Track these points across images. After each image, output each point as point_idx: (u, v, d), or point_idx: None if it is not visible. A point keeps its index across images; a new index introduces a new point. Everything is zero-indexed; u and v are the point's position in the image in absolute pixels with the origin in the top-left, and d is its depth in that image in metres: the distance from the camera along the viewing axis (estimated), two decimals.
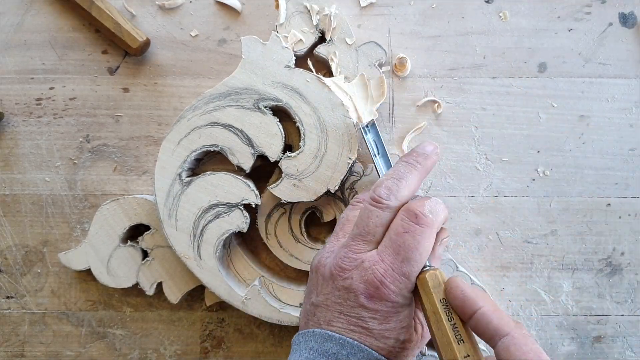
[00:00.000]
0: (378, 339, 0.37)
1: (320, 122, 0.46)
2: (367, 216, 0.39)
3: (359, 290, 0.37)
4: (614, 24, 0.51)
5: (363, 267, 0.38)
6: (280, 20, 0.48)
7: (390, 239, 0.38)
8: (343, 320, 0.38)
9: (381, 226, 0.39)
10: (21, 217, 0.52)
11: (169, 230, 0.47)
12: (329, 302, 0.39)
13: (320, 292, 0.40)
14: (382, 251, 0.38)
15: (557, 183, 0.51)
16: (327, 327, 0.38)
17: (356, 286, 0.37)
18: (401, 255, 0.37)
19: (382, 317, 0.37)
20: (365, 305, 0.37)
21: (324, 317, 0.39)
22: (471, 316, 0.35)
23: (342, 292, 0.38)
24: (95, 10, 0.49)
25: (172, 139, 0.47)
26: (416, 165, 0.41)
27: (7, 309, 0.52)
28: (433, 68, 0.51)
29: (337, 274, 0.39)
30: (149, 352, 0.52)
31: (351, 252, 0.39)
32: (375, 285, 0.37)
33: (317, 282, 0.41)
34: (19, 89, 0.52)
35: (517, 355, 0.32)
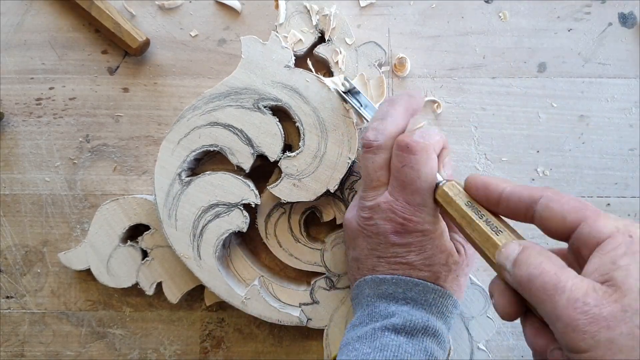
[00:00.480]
0: (422, 269, 0.39)
1: (320, 122, 0.46)
2: (364, 165, 0.41)
3: (387, 230, 0.39)
4: (613, 24, 0.51)
5: (381, 210, 0.39)
6: (280, 20, 0.48)
7: (394, 177, 0.39)
8: (384, 263, 0.39)
9: (380, 169, 0.40)
10: (21, 217, 0.52)
11: (169, 230, 0.47)
12: (365, 251, 0.40)
13: (356, 246, 0.41)
14: (392, 191, 0.39)
15: (557, 183, 0.51)
16: (373, 273, 0.40)
17: (383, 228, 0.39)
18: (408, 188, 0.38)
19: (417, 248, 0.39)
20: (397, 243, 0.39)
21: (367, 265, 0.40)
22: (499, 200, 0.34)
23: (373, 239, 0.40)
24: (95, 10, 0.49)
25: (172, 139, 0.47)
26: (398, 101, 0.41)
27: (7, 309, 0.52)
28: (433, 68, 0.51)
29: (363, 224, 0.40)
30: (149, 352, 0.52)
31: (365, 201, 0.40)
32: (399, 222, 0.38)
33: (350, 238, 0.42)
34: (19, 89, 0.52)
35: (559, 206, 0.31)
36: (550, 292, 0.28)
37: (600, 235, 0.29)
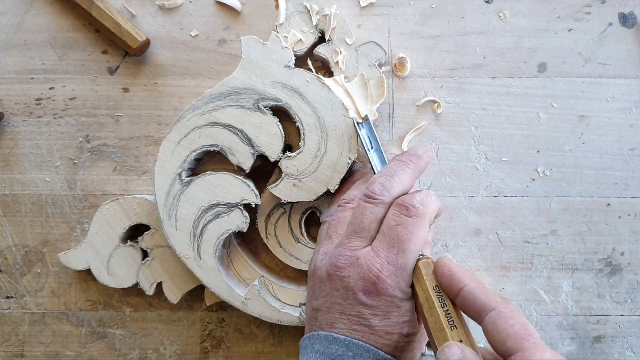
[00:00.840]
0: (382, 335, 0.37)
1: (320, 122, 0.46)
2: (361, 213, 0.40)
3: (357, 287, 0.37)
4: (613, 24, 0.51)
5: (359, 264, 0.38)
6: (280, 20, 0.48)
7: (384, 233, 0.38)
8: (345, 321, 0.38)
9: (375, 222, 0.39)
10: (21, 217, 0.52)
11: (169, 230, 0.47)
12: (328, 303, 0.39)
13: (319, 295, 0.40)
14: (376, 246, 0.38)
15: (557, 183, 0.51)
16: (330, 330, 0.38)
17: (354, 284, 0.38)
18: (395, 247, 0.37)
19: (383, 313, 0.37)
20: (364, 302, 0.37)
21: (326, 319, 0.39)
22: (458, 294, 0.35)
23: (340, 292, 0.38)
24: (95, 10, 0.49)
25: (172, 139, 0.47)
26: (409, 163, 0.41)
27: (7, 309, 0.52)
28: (433, 68, 0.51)
29: (334, 273, 0.39)
30: (149, 352, 0.52)
31: (346, 250, 0.39)
32: (372, 281, 0.37)
33: (314, 286, 0.41)
34: (19, 89, 0.52)
35: (504, 327, 0.32)
36: None
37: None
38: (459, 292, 0.35)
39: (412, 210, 0.38)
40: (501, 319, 0.33)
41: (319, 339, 0.38)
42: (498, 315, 0.33)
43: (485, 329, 0.33)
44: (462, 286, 0.35)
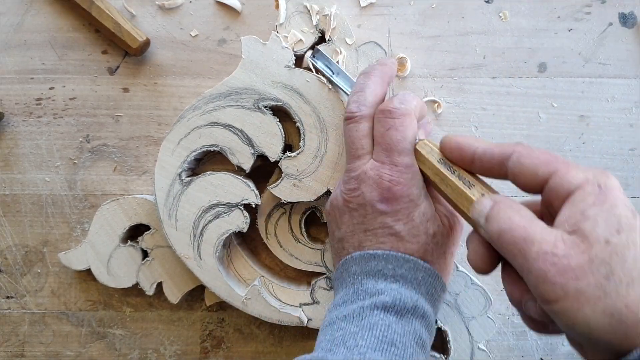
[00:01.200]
0: (409, 240, 0.38)
1: (320, 122, 0.46)
2: (348, 135, 0.40)
3: (374, 198, 0.38)
4: (613, 24, 0.51)
5: (368, 177, 0.38)
6: (280, 20, 0.48)
7: (378, 142, 0.39)
8: (371, 237, 0.38)
9: (365, 137, 0.40)
10: (21, 217, 0.52)
11: (169, 230, 0.47)
12: (351, 227, 0.39)
13: (341, 224, 0.40)
14: (376, 156, 0.39)
15: None
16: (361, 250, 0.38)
17: (369, 197, 0.38)
18: (394, 150, 0.38)
19: (405, 216, 0.38)
20: (384, 211, 0.38)
21: (352, 243, 0.39)
22: (473, 159, 0.35)
23: (359, 211, 0.39)
24: (95, 10, 0.49)
25: (172, 139, 0.47)
26: (374, 72, 0.42)
27: (7, 309, 0.52)
28: (433, 68, 0.51)
29: (348, 197, 0.39)
30: (149, 352, 0.52)
31: (351, 172, 0.40)
32: (387, 187, 0.38)
33: (335, 219, 0.41)
34: (19, 89, 0.52)
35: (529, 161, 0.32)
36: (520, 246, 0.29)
37: (570, 186, 0.30)
38: (473, 157, 0.35)
39: (395, 111, 0.39)
40: (523, 156, 0.32)
41: (354, 260, 0.38)
42: (519, 155, 0.32)
43: (513, 173, 0.33)
44: (474, 150, 0.35)
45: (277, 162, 0.47)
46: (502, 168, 0.33)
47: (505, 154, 0.33)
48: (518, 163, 0.32)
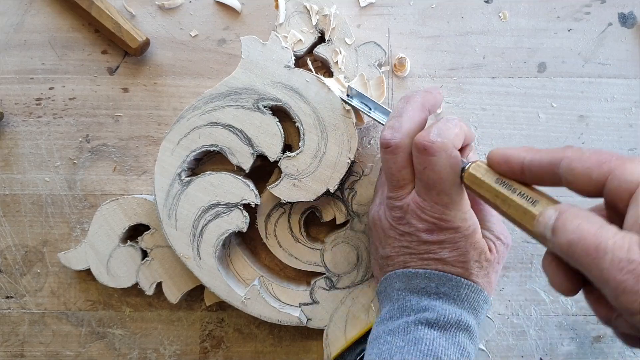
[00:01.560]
0: (455, 265, 0.38)
1: (319, 122, 0.46)
2: (387, 165, 0.40)
3: (420, 229, 0.39)
4: (613, 24, 0.51)
5: (412, 210, 0.39)
6: (280, 20, 0.48)
7: (418, 178, 0.39)
8: (416, 259, 0.39)
9: (403, 168, 0.39)
10: (21, 217, 0.52)
11: (169, 230, 0.47)
12: (396, 249, 0.40)
13: (387, 244, 0.41)
14: (419, 191, 0.39)
15: None
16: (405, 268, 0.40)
17: (415, 227, 0.39)
18: (434, 190, 0.37)
19: (451, 245, 0.38)
20: (429, 241, 0.38)
21: (398, 262, 0.40)
22: (522, 170, 0.33)
23: (405, 237, 0.39)
24: (95, 10, 0.49)
25: (172, 139, 0.47)
26: (415, 97, 0.41)
27: (6, 309, 0.52)
28: (433, 68, 0.51)
29: (395, 223, 0.40)
30: (149, 352, 0.52)
31: (395, 201, 0.40)
32: (431, 221, 0.38)
33: (379, 236, 0.42)
34: (19, 89, 0.52)
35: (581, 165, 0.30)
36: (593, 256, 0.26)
37: (630, 185, 0.28)
38: (522, 168, 0.33)
39: (430, 148, 0.36)
40: (574, 160, 0.30)
41: (397, 277, 0.40)
42: (569, 160, 0.30)
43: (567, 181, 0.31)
44: (521, 160, 0.33)
45: (276, 162, 0.47)
46: (555, 176, 0.32)
47: (554, 161, 0.31)
48: (569, 169, 0.30)
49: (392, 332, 0.37)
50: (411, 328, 0.37)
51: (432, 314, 0.37)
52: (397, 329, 0.37)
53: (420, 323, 0.37)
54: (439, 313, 0.37)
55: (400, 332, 0.37)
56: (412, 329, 0.36)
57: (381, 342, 0.37)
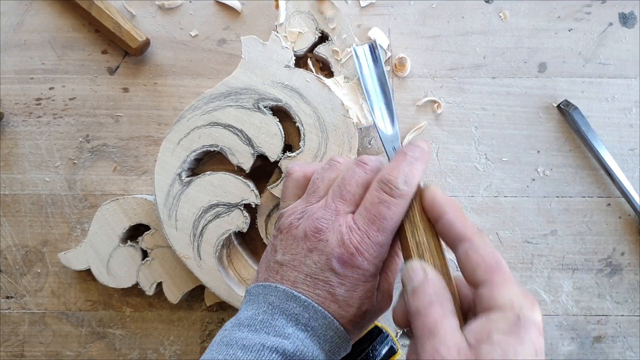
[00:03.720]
0: (342, 306, 0.37)
1: (320, 122, 0.46)
2: (350, 176, 0.39)
3: (333, 253, 0.37)
4: (614, 24, 0.51)
5: (340, 232, 0.37)
6: (280, 20, 0.48)
7: (366, 208, 0.38)
8: (309, 283, 0.37)
9: (362, 188, 0.39)
10: (21, 217, 0.52)
11: (169, 230, 0.47)
12: (296, 262, 0.38)
13: (288, 252, 0.39)
14: (358, 219, 0.38)
15: (557, 183, 0.51)
16: (291, 287, 0.37)
17: (330, 249, 0.37)
18: (376, 224, 0.37)
19: (351, 285, 0.37)
20: (336, 270, 0.37)
21: (289, 276, 0.38)
22: (437, 222, 0.36)
23: (313, 254, 0.37)
24: (95, 10, 0.49)
25: (172, 139, 0.47)
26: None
27: (7, 309, 0.52)
28: (433, 68, 0.51)
29: (312, 234, 0.38)
30: (149, 352, 0.52)
31: (329, 213, 0.38)
32: (351, 252, 0.37)
33: (285, 241, 0.39)
34: (19, 89, 0.52)
35: (475, 258, 0.33)
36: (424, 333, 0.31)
37: (493, 303, 0.31)
38: (439, 220, 0.36)
39: (395, 192, 0.37)
40: (473, 249, 0.33)
41: (277, 291, 0.37)
42: (471, 245, 0.33)
43: (459, 259, 0.34)
44: (442, 214, 0.35)
45: (277, 162, 0.47)
46: (454, 246, 0.34)
47: (462, 237, 0.34)
48: (465, 255, 0.33)
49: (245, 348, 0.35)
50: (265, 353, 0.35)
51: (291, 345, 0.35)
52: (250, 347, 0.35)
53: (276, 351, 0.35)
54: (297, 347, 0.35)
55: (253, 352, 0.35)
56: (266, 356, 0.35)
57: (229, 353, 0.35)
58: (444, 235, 0.35)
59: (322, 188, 0.41)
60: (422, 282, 0.33)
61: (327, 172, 0.41)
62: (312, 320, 0.36)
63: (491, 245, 0.34)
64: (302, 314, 0.36)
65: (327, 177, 0.41)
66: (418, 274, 0.33)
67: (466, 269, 0.33)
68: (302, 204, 0.41)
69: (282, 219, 0.41)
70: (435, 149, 0.51)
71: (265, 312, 0.37)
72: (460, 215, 0.35)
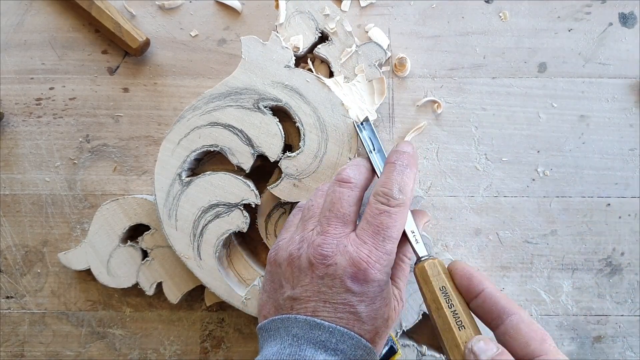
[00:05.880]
0: (366, 322, 0.37)
1: (320, 122, 0.46)
2: (338, 198, 0.40)
3: (346, 274, 0.37)
4: (614, 24, 0.51)
5: (347, 251, 0.37)
6: (280, 20, 0.48)
7: (368, 221, 0.38)
8: (329, 309, 0.37)
9: (354, 205, 0.40)
10: (21, 217, 0.52)
11: (169, 230, 0.47)
12: (309, 292, 0.38)
13: (297, 284, 0.38)
14: (361, 234, 0.38)
15: (557, 183, 0.51)
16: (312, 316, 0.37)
17: (342, 271, 0.37)
18: (380, 235, 0.38)
19: (370, 299, 0.37)
20: (352, 290, 0.37)
21: (306, 308, 0.38)
22: (477, 296, 0.36)
23: (325, 280, 0.37)
24: (95, 10, 0.49)
25: (172, 139, 0.47)
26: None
27: (7, 309, 0.52)
28: (433, 68, 0.51)
29: (319, 262, 0.38)
30: (149, 352, 0.52)
31: (330, 237, 0.38)
32: (363, 267, 0.37)
33: (291, 275, 0.39)
34: (19, 89, 0.52)
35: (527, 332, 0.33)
36: None
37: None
38: (479, 294, 0.36)
39: (393, 201, 0.39)
40: (524, 323, 0.34)
41: (297, 322, 0.37)
42: (520, 319, 0.34)
43: (506, 332, 0.34)
44: (483, 288, 0.36)
45: (277, 162, 0.47)
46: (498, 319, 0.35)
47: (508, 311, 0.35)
48: (516, 326, 0.34)
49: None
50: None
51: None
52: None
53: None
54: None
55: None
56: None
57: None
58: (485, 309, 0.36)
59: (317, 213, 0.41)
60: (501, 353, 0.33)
61: (318, 198, 0.42)
62: (340, 343, 0.36)
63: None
64: (329, 339, 0.36)
65: (318, 202, 0.42)
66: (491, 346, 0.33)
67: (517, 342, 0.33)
68: (298, 233, 0.41)
69: (280, 252, 0.41)
70: (435, 149, 0.51)
71: (291, 344, 0.36)
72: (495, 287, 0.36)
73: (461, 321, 0.36)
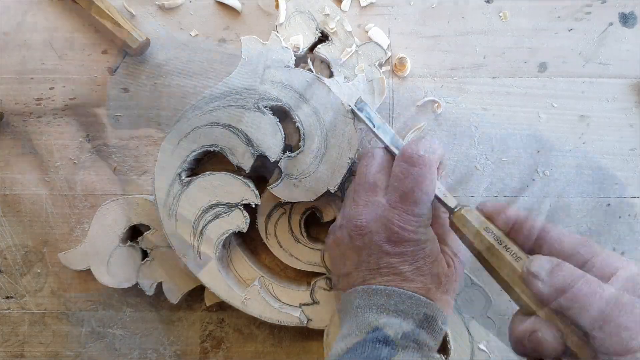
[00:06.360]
0: (413, 279, 0.39)
1: (320, 122, 0.46)
2: (364, 168, 0.41)
3: (381, 239, 0.39)
4: (614, 23, 0.51)
5: (378, 218, 0.39)
6: (280, 20, 0.48)
7: (394, 186, 0.39)
8: (376, 274, 0.39)
9: (378, 172, 0.41)
10: (21, 217, 0.52)
11: (169, 230, 0.47)
12: (356, 264, 0.40)
13: (346, 261, 0.41)
14: (390, 199, 0.39)
15: (557, 183, 0.51)
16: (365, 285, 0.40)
17: (377, 238, 0.39)
18: (408, 199, 0.39)
19: (411, 258, 0.39)
20: (390, 252, 0.39)
21: (357, 279, 0.40)
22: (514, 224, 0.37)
23: (365, 250, 0.40)
24: (95, 10, 0.49)
25: (172, 139, 0.47)
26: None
27: (7, 309, 0.52)
28: (433, 68, 0.51)
29: (356, 234, 0.40)
30: (149, 352, 0.52)
31: (361, 207, 0.40)
32: (395, 231, 0.38)
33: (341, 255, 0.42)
34: (19, 89, 0.52)
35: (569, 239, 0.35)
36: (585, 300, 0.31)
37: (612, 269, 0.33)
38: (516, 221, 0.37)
39: (417, 160, 0.39)
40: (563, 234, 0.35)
41: (357, 293, 0.39)
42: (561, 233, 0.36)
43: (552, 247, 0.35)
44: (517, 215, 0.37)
45: (277, 162, 0.47)
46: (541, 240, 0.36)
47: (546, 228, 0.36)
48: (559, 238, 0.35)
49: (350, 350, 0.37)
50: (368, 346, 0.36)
51: (390, 331, 0.37)
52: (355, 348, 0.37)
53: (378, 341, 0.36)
54: (396, 331, 0.37)
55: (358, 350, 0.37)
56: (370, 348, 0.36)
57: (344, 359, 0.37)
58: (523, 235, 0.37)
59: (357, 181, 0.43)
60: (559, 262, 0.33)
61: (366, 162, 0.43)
62: (399, 303, 0.38)
63: None
64: (388, 302, 0.38)
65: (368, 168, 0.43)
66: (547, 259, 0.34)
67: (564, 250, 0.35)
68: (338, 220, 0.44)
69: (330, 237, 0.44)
70: None
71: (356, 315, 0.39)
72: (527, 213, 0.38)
73: (515, 253, 0.36)
